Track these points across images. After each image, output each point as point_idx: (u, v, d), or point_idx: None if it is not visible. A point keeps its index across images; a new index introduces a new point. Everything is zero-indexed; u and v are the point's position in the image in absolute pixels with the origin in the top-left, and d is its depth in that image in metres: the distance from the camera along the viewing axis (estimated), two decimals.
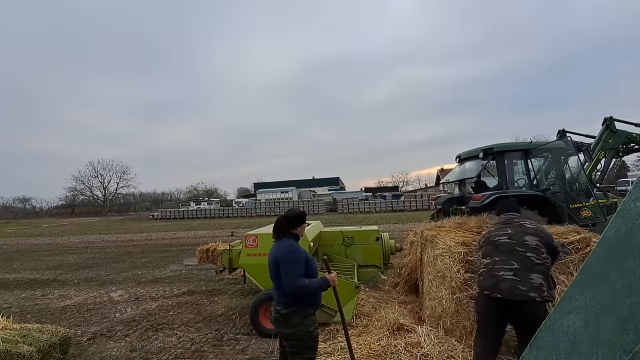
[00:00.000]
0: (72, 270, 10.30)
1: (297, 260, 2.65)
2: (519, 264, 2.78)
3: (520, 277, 2.72)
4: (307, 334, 2.67)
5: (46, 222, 43.88)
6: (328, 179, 61.42)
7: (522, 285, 2.69)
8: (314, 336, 2.72)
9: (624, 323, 1.09)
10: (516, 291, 2.68)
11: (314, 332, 2.72)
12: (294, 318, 2.66)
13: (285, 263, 2.63)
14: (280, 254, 2.68)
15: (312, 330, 2.69)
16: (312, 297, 2.73)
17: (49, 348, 3.56)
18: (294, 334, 2.66)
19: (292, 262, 2.63)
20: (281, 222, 2.81)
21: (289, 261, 2.63)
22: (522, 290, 2.67)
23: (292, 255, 2.66)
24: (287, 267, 2.62)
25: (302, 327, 2.65)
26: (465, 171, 7.56)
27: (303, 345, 2.68)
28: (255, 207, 41.49)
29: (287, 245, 2.72)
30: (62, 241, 19.68)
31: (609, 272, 1.21)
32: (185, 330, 5.07)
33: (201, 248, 5.97)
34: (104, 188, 66.50)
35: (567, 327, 1.30)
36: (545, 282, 2.72)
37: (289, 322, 2.66)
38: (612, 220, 1.26)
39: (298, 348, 2.68)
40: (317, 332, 2.76)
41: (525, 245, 2.84)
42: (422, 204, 35.08)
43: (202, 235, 18.75)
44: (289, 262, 2.63)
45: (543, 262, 2.79)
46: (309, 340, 2.69)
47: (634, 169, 45.32)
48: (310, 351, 2.71)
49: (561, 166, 6.87)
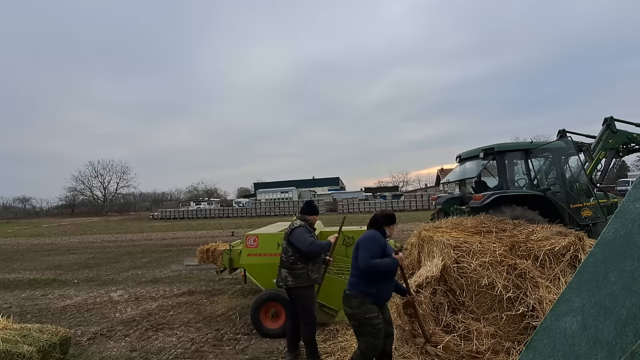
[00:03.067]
0: (72, 270, 10.31)
1: (375, 243, 3.00)
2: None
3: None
4: (365, 320, 2.94)
5: (46, 222, 43.88)
6: (328, 179, 61.40)
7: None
8: (373, 324, 2.94)
9: (623, 325, 1.09)
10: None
11: (373, 321, 2.94)
12: (353, 301, 2.99)
13: (364, 244, 3.00)
14: (362, 238, 3.08)
15: (369, 317, 2.93)
16: (373, 287, 2.98)
17: (49, 348, 3.56)
18: (353, 315, 3.00)
19: (370, 244, 2.99)
20: (378, 218, 3.18)
21: (367, 243, 3.00)
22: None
23: (371, 239, 3.03)
24: (364, 247, 2.97)
25: (360, 312, 2.95)
26: (466, 171, 7.56)
27: (361, 327, 2.98)
28: (255, 207, 41.52)
29: (370, 233, 3.11)
30: (62, 241, 19.69)
31: (607, 273, 1.20)
32: (185, 330, 5.07)
33: (201, 248, 5.97)
34: (104, 188, 66.53)
35: (564, 329, 1.29)
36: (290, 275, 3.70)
37: (349, 303, 3.02)
38: (611, 221, 1.25)
39: (357, 329, 3.02)
40: (377, 321, 2.96)
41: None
42: (422, 204, 35.06)
43: (202, 235, 18.75)
44: (367, 244, 2.99)
45: (287, 259, 3.76)
46: (367, 326, 2.95)
47: (634, 169, 45.30)
48: (370, 336, 2.95)
49: (561, 166, 6.86)
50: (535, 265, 3.60)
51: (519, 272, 3.50)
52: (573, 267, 3.59)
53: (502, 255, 3.59)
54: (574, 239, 3.74)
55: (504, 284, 3.44)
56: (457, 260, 3.72)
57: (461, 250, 3.76)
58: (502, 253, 3.60)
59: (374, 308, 2.98)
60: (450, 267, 3.69)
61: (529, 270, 3.50)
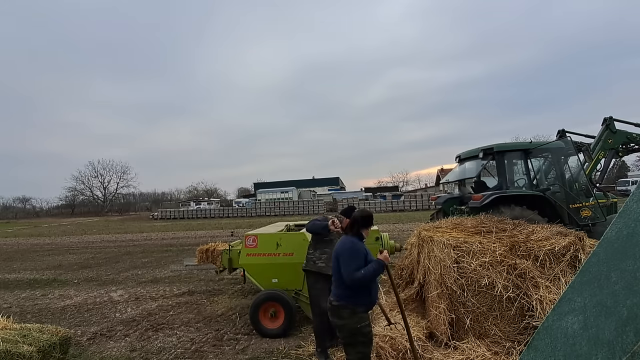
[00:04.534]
0: (72, 270, 10.30)
1: (357, 253, 2.85)
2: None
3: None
4: (357, 330, 2.82)
5: (46, 222, 43.86)
6: (328, 179, 61.41)
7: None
8: (364, 333, 2.84)
9: (624, 324, 1.09)
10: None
11: (365, 329, 2.84)
12: (343, 312, 2.85)
13: (346, 257, 2.84)
14: (341, 248, 2.92)
15: (361, 327, 2.82)
16: (364, 295, 2.86)
17: (49, 348, 3.56)
18: (344, 327, 2.86)
19: (352, 255, 2.84)
20: (357, 220, 3.01)
21: (349, 255, 2.84)
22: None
23: (352, 250, 2.87)
24: (347, 261, 2.82)
25: (351, 322, 2.82)
26: (465, 171, 7.56)
27: (352, 338, 2.85)
28: (255, 207, 41.49)
29: (348, 242, 2.93)
30: (62, 241, 19.67)
31: (609, 273, 1.20)
32: (185, 330, 5.07)
33: (201, 248, 5.96)
34: (104, 188, 66.51)
35: (566, 328, 1.29)
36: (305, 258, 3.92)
37: (339, 314, 2.87)
38: (614, 221, 1.25)
39: (348, 340, 2.88)
40: (368, 329, 2.87)
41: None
42: (422, 204, 35.06)
43: (202, 235, 18.74)
44: (349, 256, 2.84)
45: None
46: (359, 336, 2.83)
47: (633, 169, 45.34)
48: (361, 345, 2.85)
49: (561, 166, 6.86)
50: (535, 265, 3.60)
51: (519, 272, 3.50)
52: (573, 267, 3.58)
53: (502, 255, 3.59)
54: (574, 239, 3.74)
55: (504, 284, 3.44)
56: (457, 260, 3.72)
57: (461, 250, 3.76)
58: (502, 253, 3.60)
59: (366, 316, 2.87)
60: (450, 267, 3.70)
61: (529, 270, 3.50)
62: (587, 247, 3.75)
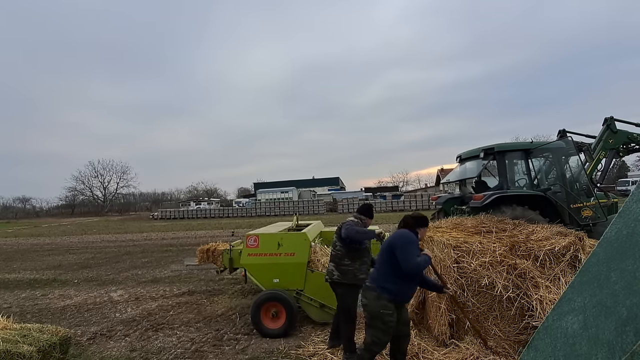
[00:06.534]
0: (72, 270, 10.31)
1: (414, 244, 3.03)
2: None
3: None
4: (377, 314, 2.96)
5: (46, 222, 43.87)
6: (328, 179, 61.39)
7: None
8: (384, 321, 2.96)
9: (624, 324, 1.08)
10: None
11: (385, 317, 2.96)
12: (369, 293, 3.05)
13: (404, 245, 2.97)
14: (397, 237, 3.07)
15: (382, 313, 2.95)
16: (393, 285, 2.99)
17: (49, 348, 3.56)
18: (366, 306, 3.05)
19: (410, 244, 2.99)
20: (409, 220, 3.22)
21: (407, 243, 2.99)
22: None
23: (409, 237, 3.04)
24: (405, 249, 2.95)
25: (374, 305, 2.99)
26: (466, 171, 7.55)
27: (372, 321, 3.01)
28: (255, 207, 41.49)
29: (407, 233, 3.09)
30: (62, 241, 19.68)
31: (609, 273, 1.20)
32: (185, 330, 5.07)
33: (201, 248, 5.95)
34: (104, 188, 66.48)
35: (565, 328, 1.29)
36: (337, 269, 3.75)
37: (365, 294, 3.09)
38: (614, 221, 1.25)
39: (369, 321, 3.06)
40: (389, 318, 2.96)
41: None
42: (422, 204, 35.06)
43: (202, 235, 18.74)
44: (407, 244, 2.98)
45: (336, 253, 3.81)
46: (378, 321, 2.97)
47: (634, 169, 45.32)
48: (378, 331, 2.99)
49: (562, 166, 6.85)
50: (535, 265, 3.60)
51: (519, 272, 3.50)
52: (573, 267, 3.58)
53: (502, 255, 3.59)
54: (574, 239, 3.74)
55: (504, 284, 3.44)
56: (457, 260, 3.72)
57: (461, 250, 3.76)
58: (502, 253, 3.60)
59: (390, 306, 2.98)
60: (451, 267, 3.69)
61: (529, 270, 3.50)
62: (587, 247, 3.74)
